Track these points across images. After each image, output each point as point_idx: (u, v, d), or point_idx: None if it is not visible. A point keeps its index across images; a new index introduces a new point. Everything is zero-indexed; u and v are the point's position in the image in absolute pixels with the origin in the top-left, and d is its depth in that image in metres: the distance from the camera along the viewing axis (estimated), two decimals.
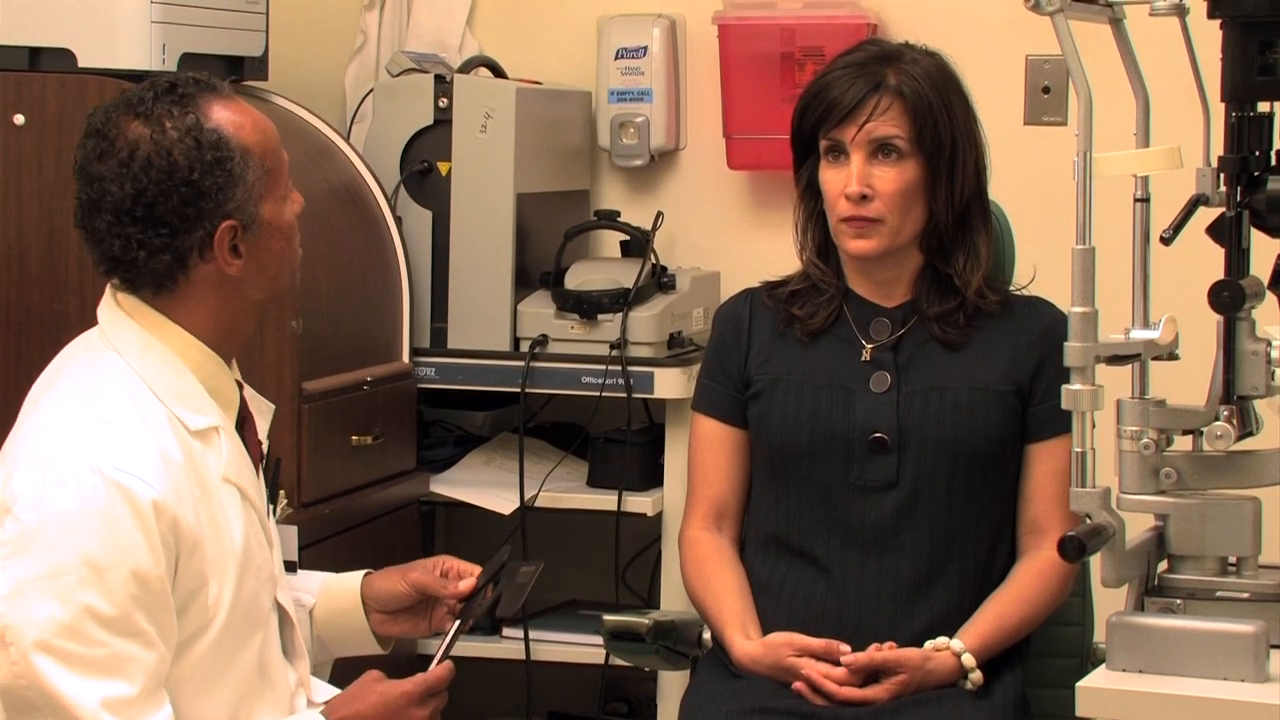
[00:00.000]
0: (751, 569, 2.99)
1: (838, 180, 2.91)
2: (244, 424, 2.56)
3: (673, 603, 3.65)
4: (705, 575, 3.00)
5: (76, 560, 2.29)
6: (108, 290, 2.51)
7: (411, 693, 2.50)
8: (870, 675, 2.82)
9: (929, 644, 2.84)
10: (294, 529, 2.72)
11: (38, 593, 2.29)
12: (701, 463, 3.06)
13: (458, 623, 2.65)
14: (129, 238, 2.42)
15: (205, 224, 2.42)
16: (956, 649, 2.83)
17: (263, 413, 2.62)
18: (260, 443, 2.60)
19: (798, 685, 2.81)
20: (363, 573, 2.75)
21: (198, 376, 2.47)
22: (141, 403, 2.42)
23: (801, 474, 2.94)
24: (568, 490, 3.83)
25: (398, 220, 3.84)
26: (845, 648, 2.82)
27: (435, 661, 2.55)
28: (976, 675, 2.83)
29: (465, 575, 2.69)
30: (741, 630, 2.91)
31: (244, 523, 2.48)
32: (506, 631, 3.84)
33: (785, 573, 2.95)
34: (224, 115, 2.45)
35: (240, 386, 2.57)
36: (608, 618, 3.14)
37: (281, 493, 2.86)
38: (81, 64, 3.39)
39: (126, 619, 2.31)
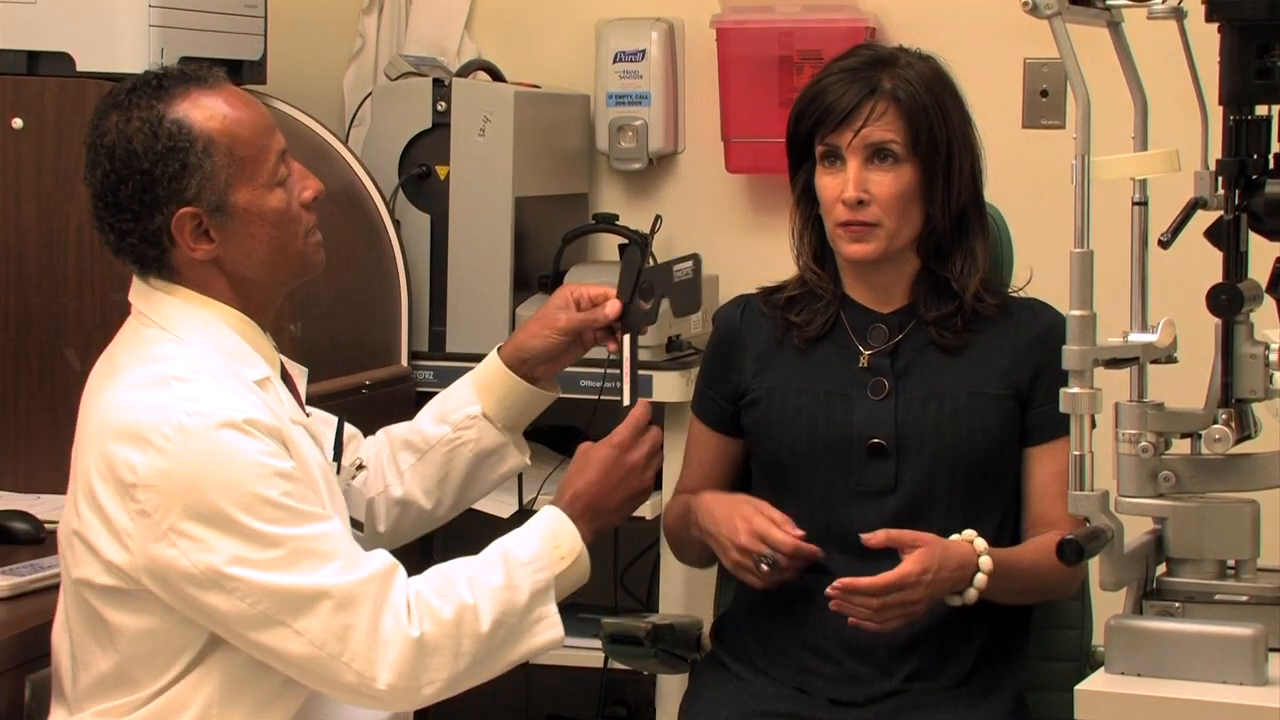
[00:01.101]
0: None
1: (834, 185, 2.91)
2: (286, 384, 2.64)
3: (671, 606, 3.66)
4: (679, 504, 3.04)
5: (222, 490, 2.41)
6: (134, 280, 2.60)
7: (622, 442, 2.72)
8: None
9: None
10: (362, 492, 2.85)
11: (210, 531, 2.40)
12: (693, 459, 3.10)
13: (627, 340, 2.81)
14: (103, 220, 2.55)
15: (163, 210, 2.51)
16: (979, 548, 2.78)
17: (299, 375, 2.70)
18: (303, 404, 2.67)
19: (831, 591, 2.75)
20: (494, 351, 2.89)
21: (241, 337, 2.56)
22: (199, 359, 2.51)
23: (800, 480, 2.94)
24: None
25: (396, 224, 3.84)
26: (797, 532, 2.82)
27: (626, 398, 2.77)
28: (981, 579, 2.77)
29: (598, 298, 2.84)
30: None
31: (318, 456, 2.59)
32: None
33: None
34: (195, 106, 2.52)
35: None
36: (606, 621, 3.14)
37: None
38: (80, 67, 3.39)
39: (293, 512, 2.43)
